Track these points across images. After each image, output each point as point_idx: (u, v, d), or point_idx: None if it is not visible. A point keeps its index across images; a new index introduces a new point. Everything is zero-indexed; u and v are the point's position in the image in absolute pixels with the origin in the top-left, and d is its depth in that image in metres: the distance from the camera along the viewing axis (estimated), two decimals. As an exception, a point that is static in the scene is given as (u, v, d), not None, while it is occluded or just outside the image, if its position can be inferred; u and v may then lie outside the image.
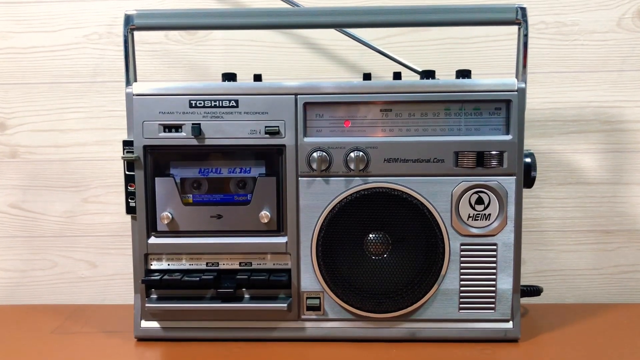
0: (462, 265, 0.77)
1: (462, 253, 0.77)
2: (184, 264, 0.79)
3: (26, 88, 1.00)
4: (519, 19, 0.75)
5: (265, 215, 0.77)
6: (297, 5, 0.89)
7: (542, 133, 0.97)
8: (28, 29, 0.99)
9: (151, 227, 0.78)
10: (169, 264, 0.79)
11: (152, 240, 0.78)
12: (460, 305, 0.77)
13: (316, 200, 0.77)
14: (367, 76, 0.79)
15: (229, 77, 0.79)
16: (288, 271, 0.78)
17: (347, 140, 0.76)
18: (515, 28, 0.76)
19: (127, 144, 0.77)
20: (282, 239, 0.78)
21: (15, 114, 1.00)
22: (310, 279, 0.78)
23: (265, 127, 0.76)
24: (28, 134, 1.00)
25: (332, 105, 0.76)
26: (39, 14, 0.98)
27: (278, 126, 0.76)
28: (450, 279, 0.77)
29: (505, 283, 0.77)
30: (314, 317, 0.79)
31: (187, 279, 0.77)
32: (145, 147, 0.77)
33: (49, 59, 0.99)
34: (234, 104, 0.76)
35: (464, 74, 0.78)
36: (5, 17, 0.99)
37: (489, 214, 0.76)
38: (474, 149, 0.75)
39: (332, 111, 0.77)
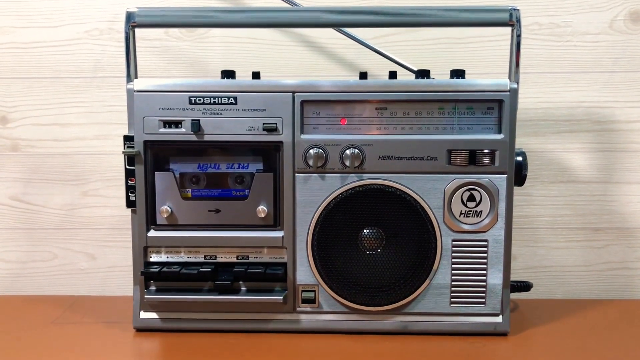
0: (453, 260, 0.79)
1: (453, 249, 0.78)
2: (183, 257, 0.81)
3: (28, 82, 1.01)
4: (512, 20, 0.77)
5: (262, 210, 0.79)
6: (296, 5, 0.90)
7: (534, 132, 0.99)
8: (30, 24, 1.00)
9: (151, 221, 0.80)
10: (167, 257, 0.81)
11: (152, 233, 0.80)
12: (452, 300, 0.79)
13: (312, 196, 0.78)
14: (363, 75, 0.80)
15: (228, 74, 0.81)
16: (284, 265, 0.80)
17: (343, 137, 0.78)
18: (509, 29, 0.78)
19: (127, 139, 0.78)
20: (279, 234, 0.79)
21: (16, 107, 1.01)
22: (305, 273, 0.80)
23: (263, 124, 0.77)
24: (29, 127, 1.02)
25: (329, 103, 0.78)
26: (40, 9, 1.00)
27: (276, 123, 0.77)
28: (442, 274, 0.79)
29: (495, 278, 0.79)
30: (308, 309, 0.80)
31: (185, 271, 0.78)
32: (145, 142, 0.78)
33: (51, 54, 1.00)
34: (233, 101, 0.77)
35: (458, 73, 0.79)
36: (8, 12, 1.00)
37: (480, 211, 0.78)
38: (466, 147, 0.77)
39: (329, 109, 0.78)
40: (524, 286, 0.90)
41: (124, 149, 0.78)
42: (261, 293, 0.79)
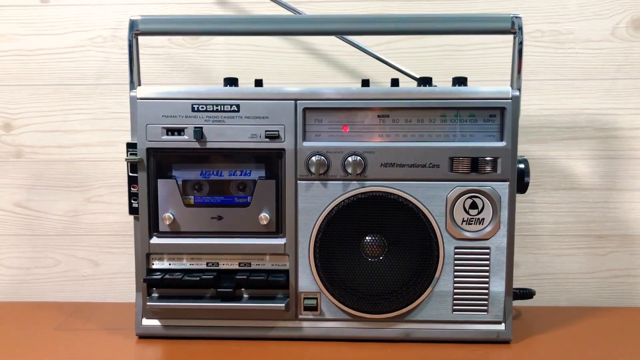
0: (456, 268, 0.79)
1: (456, 256, 0.78)
2: (185, 264, 0.81)
3: (32, 89, 1.01)
4: (514, 28, 0.77)
5: (264, 217, 0.79)
6: (299, 13, 0.90)
7: (537, 139, 0.99)
8: (34, 32, 1.01)
9: (153, 228, 0.80)
10: (170, 264, 0.81)
11: (154, 240, 0.80)
12: (454, 307, 0.79)
13: (314, 203, 0.78)
14: (365, 82, 0.81)
15: (231, 81, 0.81)
16: (286, 272, 0.80)
17: (345, 144, 0.78)
18: (511, 36, 0.78)
19: (130, 146, 0.79)
20: (281, 241, 0.80)
21: (20, 114, 1.02)
22: (307, 280, 0.80)
23: (266, 131, 0.78)
24: (33, 134, 1.02)
25: (331, 111, 0.78)
26: (45, 17, 1.00)
27: (278, 130, 0.78)
28: (445, 281, 0.79)
29: (497, 286, 0.79)
30: (311, 317, 0.80)
31: (187, 278, 0.78)
32: (148, 149, 0.79)
33: (55, 61, 1.01)
34: (235, 109, 0.78)
35: (460, 81, 0.80)
36: (12, 20, 1.00)
37: (483, 219, 0.78)
38: (468, 154, 0.77)
39: (331, 116, 0.78)
40: (527, 294, 0.90)
41: (127, 156, 0.79)
42: (263, 300, 0.79)
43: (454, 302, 0.79)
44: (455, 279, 0.79)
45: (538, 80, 0.98)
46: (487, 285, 0.79)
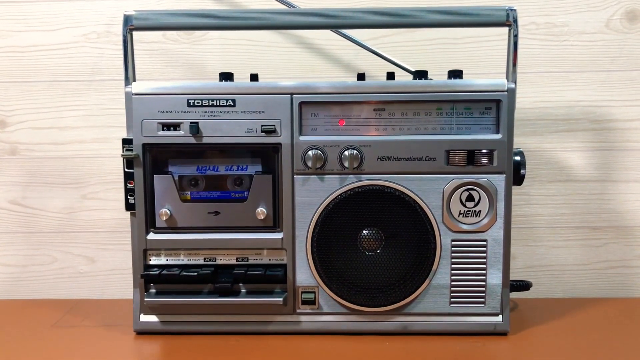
0: (452, 260, 0.79)
1: (452, 249, 0.79)
2: (182, 259, 0.81)
3: (26, 86, 1.01)
4: (509, 20, 0.77)
5: (261, 211, 0.79)
6: (293, 7, 0.90)
7: (532, 131, 0.99)
8: (28, 28, 1.00)
9: (150, 224, 0.80)
10: (167, 259, 0.81)
11: (151, 236, 0.80)
12: (451, 300, 0.79)
13: (311, 197, 0.78)
14: (361, 76, 0.80)
15: (226, 76, 0.81)
16: (284, 266, 0.80)
17: (341, 138, 0.78)
18: (506, 29, 0.78)
19: (126, 142, 0.79)
20: (278, 235, 0.80)
21: (15, 111, 1.01)
22: (305, 274, 0.80)
23: (262, 125, 0.78)
24: (28, 131, 1.02)
25: (327, 105, 0.78)
26: (38, 13, 1.00)
27: (274, 125, 0.78)
28: (442, 274, 0.79)
29: (494, 278, 0.79)
30: (309, 311, 0.80)
31: (185, 273, 0.78)
32: (144, 145, 0.78)
33: (49, 57, 1.00)
34: (231, 103, 0.78)
35: (455, 74, 0.79)
36: (5, 16, 1.00)
37: (479, 211, 0.78)
38: (464, 147, 0.77)
39: (327, 110, 0.78)
40: (524, 285, 0.90)
41: (123, 152, 0.79)
42: (261, 295, 0.79)
43: (451, 294, 0.79)
44: (453, 272, 0.79)
45: (533, 73, 0.98)
46: (484, 277, 0.79)
